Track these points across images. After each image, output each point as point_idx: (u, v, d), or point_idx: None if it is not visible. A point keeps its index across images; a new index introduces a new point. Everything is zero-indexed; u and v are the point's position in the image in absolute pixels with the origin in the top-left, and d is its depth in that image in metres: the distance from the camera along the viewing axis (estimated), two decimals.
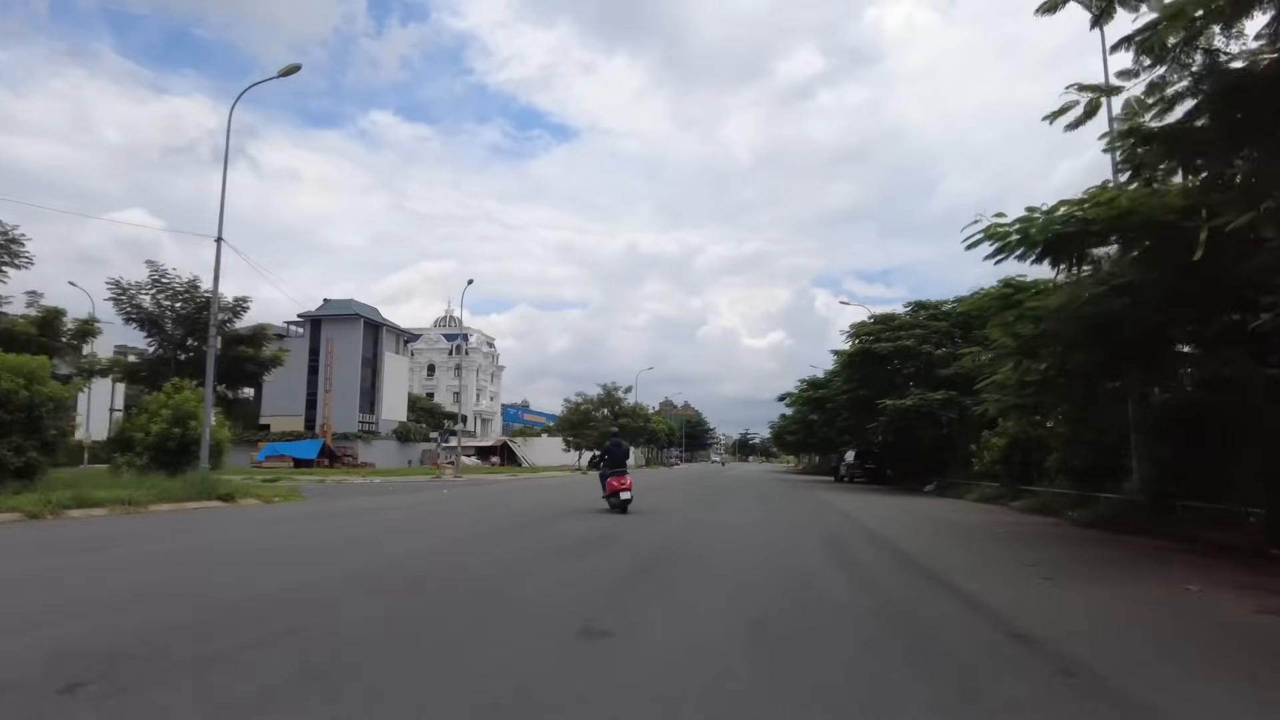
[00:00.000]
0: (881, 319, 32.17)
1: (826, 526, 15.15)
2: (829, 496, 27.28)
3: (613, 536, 12.59)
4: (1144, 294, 9.58)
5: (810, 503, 23.69)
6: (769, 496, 26.47)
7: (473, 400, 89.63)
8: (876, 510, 20.85)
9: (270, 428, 70.44)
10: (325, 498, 23.92)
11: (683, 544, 11.82)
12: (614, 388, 65.34)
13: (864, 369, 32.33)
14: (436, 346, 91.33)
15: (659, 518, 16.46)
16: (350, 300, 73.46)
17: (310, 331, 71.87)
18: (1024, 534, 14.75)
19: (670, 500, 23.19)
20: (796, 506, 21.88)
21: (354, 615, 5.97)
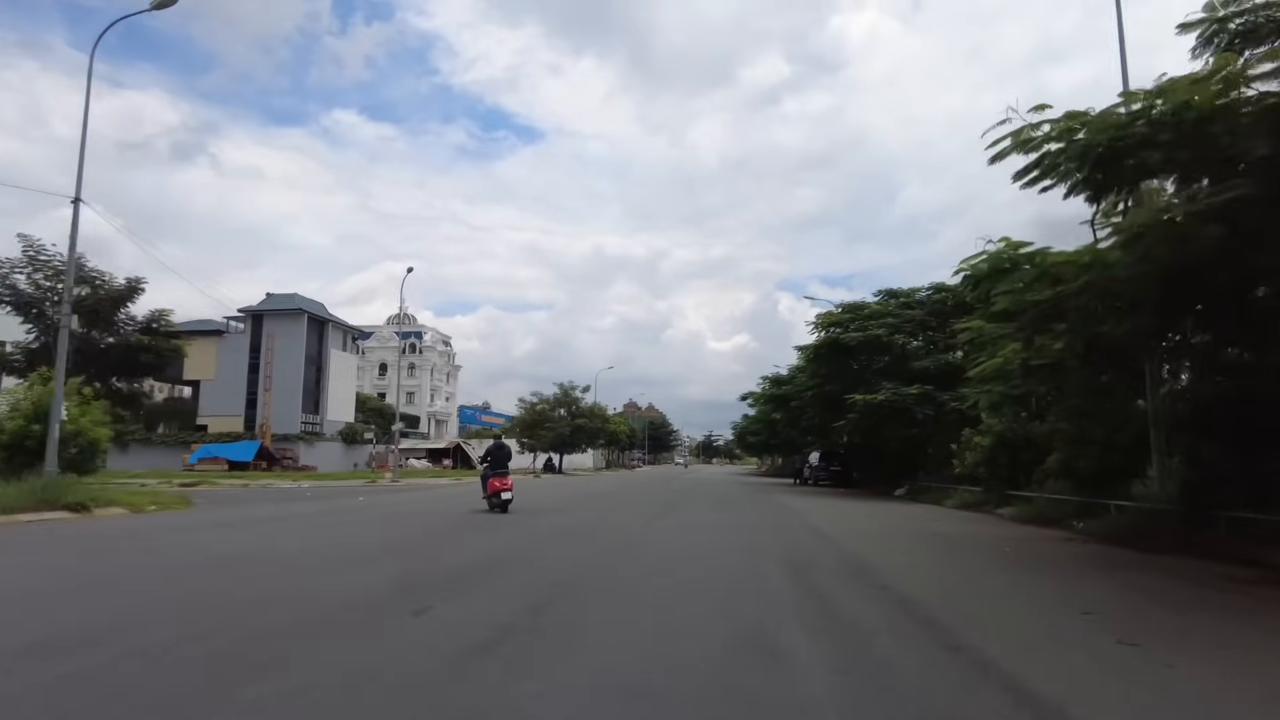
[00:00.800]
0: (850, 307, 29.20)
1: (790, 545, 11.98)
2: (793, 502, 24.25)
3: (509, 563, 9.32)
4: (1248, 219, 6.51)
5: (772, 510, 20.59)
6: (727, 502, 23.37)
7: (426, 400, 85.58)
8: (847, 520, 17.79)
9: (208, 429, 65.96)
10: (223, 504, 20.61)
11: (599, 576, 8.57)
12: (571, 387, 61.93)
13: (831, 362, 29.33)
14: (389, 345, 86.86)
15: (585, 534, 13.27)
16: (294, 295, 69.03)
17: (251, 327, 67.35)
18: (1037, 555, 11.70)
19: (612, 508, 20.00)
20: (756, 515, 18.73)
21: None
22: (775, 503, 23.65)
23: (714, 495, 26.98)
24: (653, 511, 19.22)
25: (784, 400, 38.05)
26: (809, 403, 32.07)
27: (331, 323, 70.91)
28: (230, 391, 66.26)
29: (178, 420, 67.78)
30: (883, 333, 26.44)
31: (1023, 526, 16.67)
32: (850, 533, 14.42)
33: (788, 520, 16.99)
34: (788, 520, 16.99)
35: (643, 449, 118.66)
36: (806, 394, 31.81)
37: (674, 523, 16.08)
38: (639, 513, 18.62)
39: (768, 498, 26.87)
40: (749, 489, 34.52)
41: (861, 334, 26.51)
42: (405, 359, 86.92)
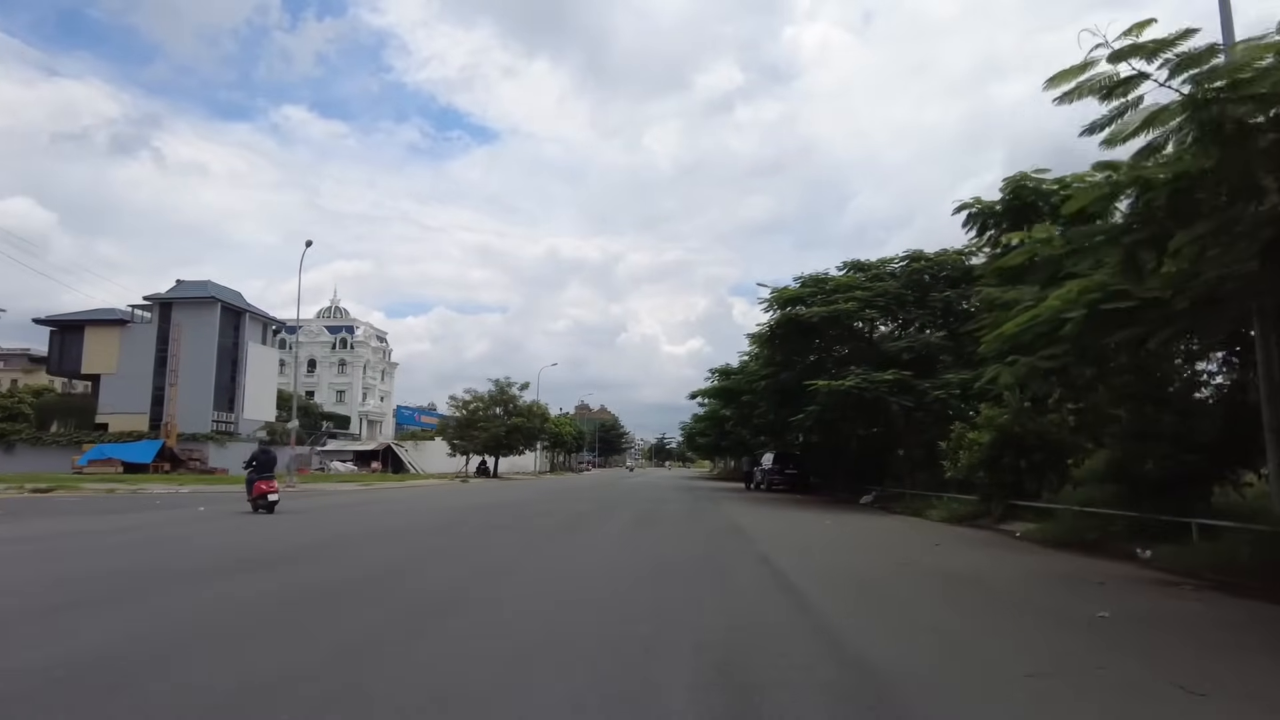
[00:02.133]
0: (811, 281, 24.06)
1: (727, 610, 6.63)
2: (740, 515, 19.09)
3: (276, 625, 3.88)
4: None
5: (711, 529, 15.22)
6: (656, 515, 18.00)
7: (358, 399, 78.78)
8: (813, 544, 12.54)
9: (109, 427, 58.85)
10: (38, 515, 15.90)
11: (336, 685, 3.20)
12: (508, 384, 55.95)
13: (788, 346, 24.24)
14: (319, 340, 79.90)
15: (390, 585, 7.82)
16: (206, 282, 62.06)
17: (159, 317, 60.19)
18: (1162, 619, 6.59)
19: (498, 527, 14.51)
20: (687, 539, 13.26)
21: None
22: (718, 516, 18.45)
23: (646, 505, 21.73)
24: (549, 530, 13.84)
25: (734, 394, 32.94)
26: (762, 394, 26.82)
27: (249, 313, 64.13)
28: (134, 387, 59.26)
29: (74, 418, 60.41)
30: (851, 307, 21.45)
31: (1056, 554, 11.62)
32: (824, 574, 9.23)
33: (730, 548, 11.65)
34: (730, 548, 11.65)
35: (593, 451, 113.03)
36: (759, 384, 26.62)
37: (560, 555, 10.70)
38: (527, 533, 13.14)
39: (710, 508, 21.68)
40: (692, 495, 29.36)
41: (825, 309, 21.46)
42: (335, 354, 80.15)
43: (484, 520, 15.69)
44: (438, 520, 15.61)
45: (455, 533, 12.92)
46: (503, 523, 14.88)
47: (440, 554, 10.16)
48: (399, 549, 10.62)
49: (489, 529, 13.46)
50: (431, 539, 11.92)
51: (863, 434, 26.50)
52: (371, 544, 11.21)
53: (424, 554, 10.12)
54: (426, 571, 8.68)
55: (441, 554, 10.16)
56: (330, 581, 7.70)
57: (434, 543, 11.45)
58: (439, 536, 12.33)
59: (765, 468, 34.08)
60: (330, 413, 75.44)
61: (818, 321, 21.76)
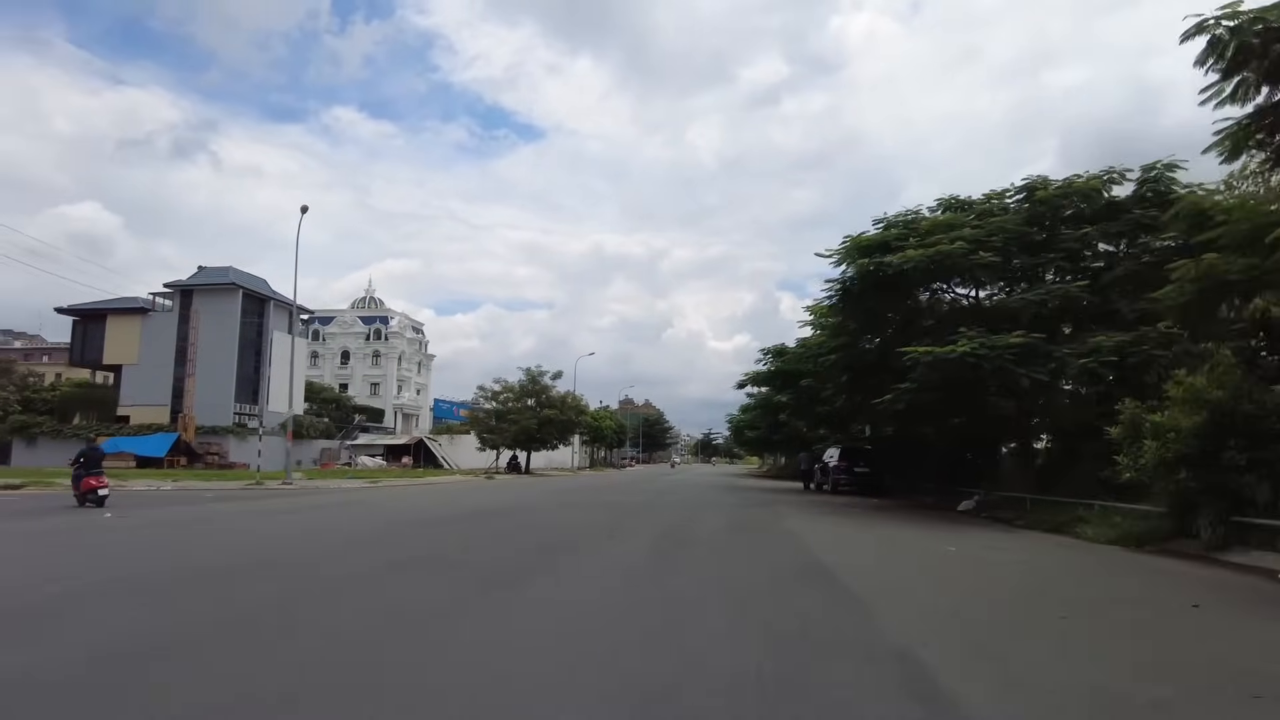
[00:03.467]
0: (897, 223, 18.04)
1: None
2: (812, 531, 13.44)
3: None
4: None
5: (775, 562, 9.34)
6: (691, 537, 12.04)
7: (392, 392, 74.66)
8: (979, 609, 6.76)
9: (130, 420, 55.47)
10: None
11: None
12: (540, 372, 50.83)
13: (864, 308, 18.06)
14: (352, 330, 76.03)
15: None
16: (228, 268, 58.29)
17: (180, 305, 56.67)
18: None
19: (454, 547, 9.26)
20: (739, 589, 7.36)
21: None
22: (780, 536, 12.73)
23: (679, 514, 16.18)
24: (505, 569, 8.29)
25: (790, 378, 27.15)
26: (831, 371, 20.83)
27: (273, 301, 60.19)
28: (155, 378, 55.75)
29: (95, 410, 57.31)
30: (958, 248, 15.54)
31: None
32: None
33: (823, 630, 5.83)
34: (823, 630, 5.83)
35: (636, 447, 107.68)
36: (826, 360, 20.59)
37: (472, 645, 5.29)
38: (460, 578, 7.47)
39: (766, 518, 16.01)
40: (740, 498, 23.69)
41: (922, 253, 15.55)
42: (369, 346, 76.20)
43: (421, 546, 10.40)
44: (338, 544, 10.22)
45: (333, 573, 7.57)
46: (438, 552, 9.35)
47: (234, 630, 4.87)
48: (151, 617, 5.34)
49: (404, 566, 8.08)
50: (260, 588, 6.57)
51: (958, 421, 20.61)
52: (109, 603, 5.93)
53: (201, 628, 4.85)
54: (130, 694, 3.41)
55: (237, 630, 4.87)
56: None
57: (249, 601, 6.11)
58: (291, 581, 7.00)
59: (829, 465, 28.24)
60: (363, 405, 71.48)
61: (911, 270, 15.85)
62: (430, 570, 7.89)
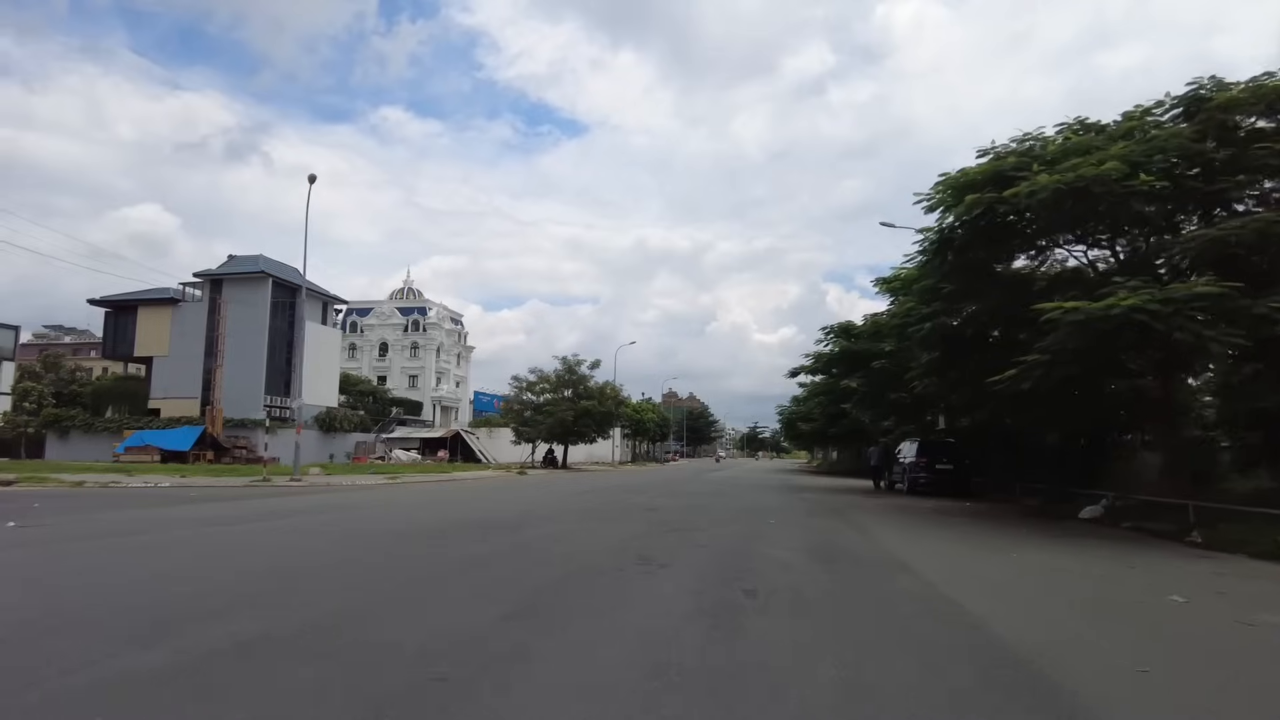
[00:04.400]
0: (1014, 153, 13.58)
1: None
2: (925, 558, 9.30)
3: None
4: None
5: (913, 623, 5.69)
6: (753, 581, 8.13)
7: (431, 384, 71.81)
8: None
9: (160, 412, 53.49)
10: None
11: None
12: (576, 362, 47.22)
13: (967, 266, 13.83)
14: (390, 322, 73.39)
15: None
16: (258, 256, 55.87)
17: (209, 294, 54.46)
18: None
19: (400, 585, 5.67)
20: (881, 698, 4.09)
21: None
22: (885, 566, 8.66)
23: (733, 527, 12.17)
24: (474, 634, 4.74)
25: (858, 360, 22.95)
26: (925, 343, 16.33)
27: (306, 290, 57.57)
28: (186, 369, 53.65)
29: (127, 403, 55.47)
30: (1112, 170, 11.12)
31: None
32: None
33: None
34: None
35: (679, 441, 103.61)
36: (918, 330, 16.01)
37: None
38: (343, 674, 4.07)
39: (850, 535, 11.93)
40: (805, 503, 19.60)
41: (1059, 179, 11.15)
42: (407, 337, 73.46)
43: (313, 607, 6.67)
44: (180, 598, 6.64)
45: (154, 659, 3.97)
46: (324, 618, 5.49)
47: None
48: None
49: (214, 662, 4.39)
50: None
51: (1075, 404, 16.22)
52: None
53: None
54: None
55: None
56: None
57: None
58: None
59: (905, 462, 23.90)
60: (400, 398, 68.81)
61: (1040, 204, 11.58)
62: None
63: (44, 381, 60.64)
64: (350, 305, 76.33)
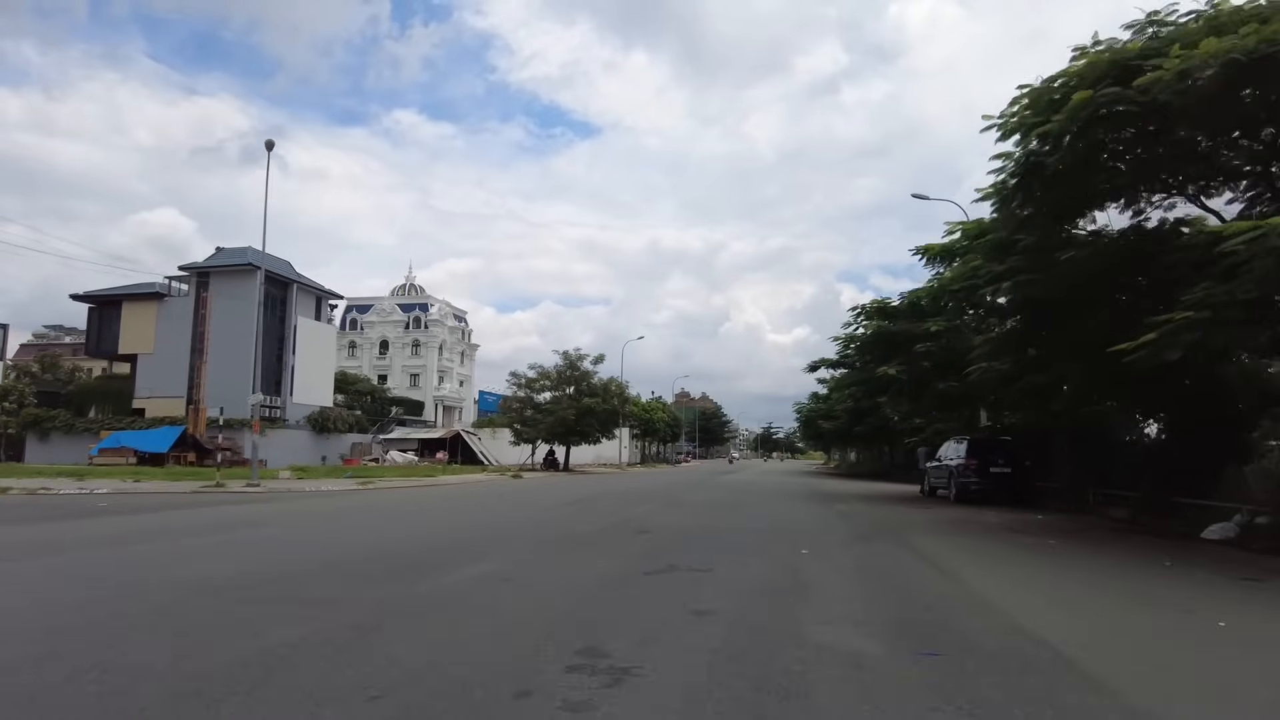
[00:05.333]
0: (1140, 25, 9.89)
1: None
2: (1065, 625, 5.73)
3: None
4: None
5: None
6: (776, 691, 4.63)
7: (433, 383, 68.34)
8: None
9: (145, 412, 50.35)
10: None
11: None
12: (578, 356, 43.55)
13: (1060, 201, 10.11)
14: (391, 319, 69.91)
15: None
16: (247, 248, 52.54)
17: (196, 288, 51.28)
18: None
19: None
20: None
21: None
22: (1022, 658, 5.08)
23: (752, 567, 8.28)
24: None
25: (897, 343, 19.05)
26: (1004, 309, 12.24)
27: (298, 284, 54.29)
28: (172, 368, 50.42)
29: (111, 403, 52.35)
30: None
31: None
32: None
33: None
34: None
35: (692, 441, 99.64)
36: (994, 294, 11.68)
37: None
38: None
39: (917, 572, 8.14)
40: (837, 517, 15.67)
41: (1240, 44, 7.49)
42: (409, 335, 70.04)
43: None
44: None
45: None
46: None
47: None
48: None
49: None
50: None
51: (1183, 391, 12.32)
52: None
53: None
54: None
55: None
56: None
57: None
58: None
59: (951, 463, 19.95)
60: (400, 397, 65.40)
61: (1215, 78, 7.75)
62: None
63: (36, 381, 57.85)
64: (350, 302, 73.07)
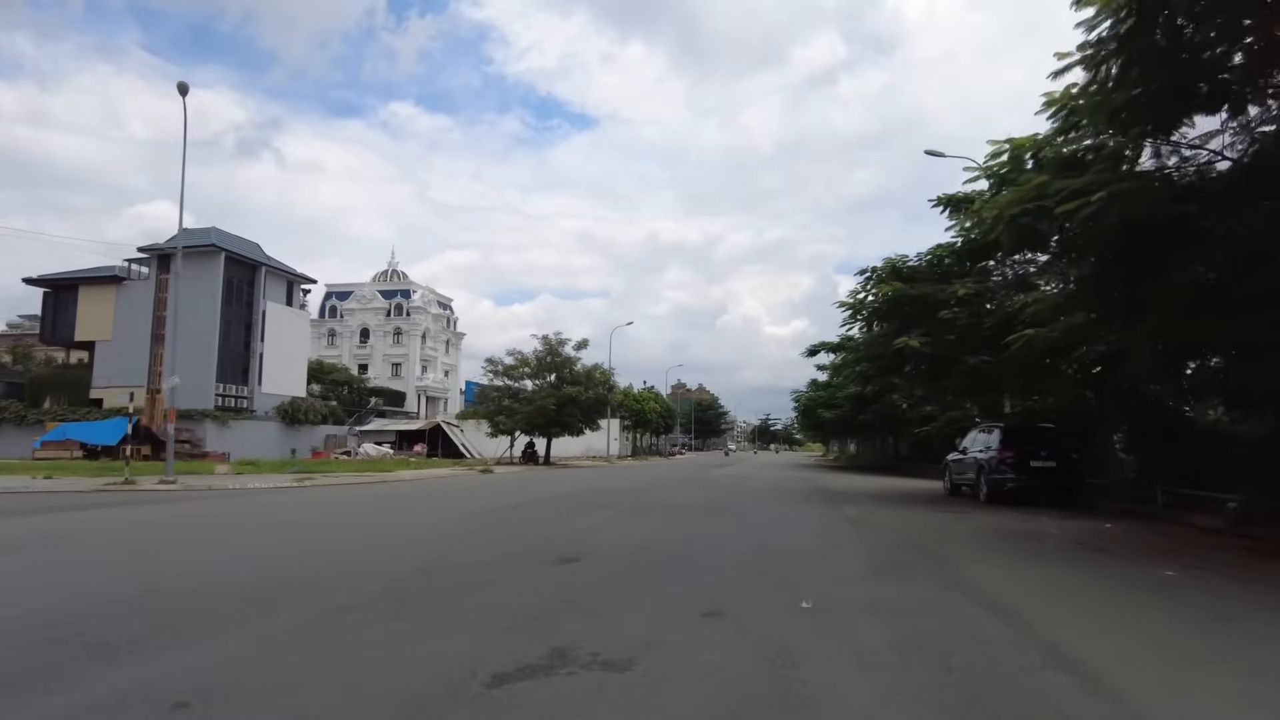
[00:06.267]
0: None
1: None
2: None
3: None
4: None
5: None
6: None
7: (415, 372, 64.73)
8: None
9: (103, 403, 46.71)
10: None
11: None
12: (560, 342, 39.90)
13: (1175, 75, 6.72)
14: (372, 306, 66.19)
15: None
16: (210, 228, 48.88)
17: (157, 271, 47.57)
18: None
19: None
20: None
21: None
22: None
23: (722, 595, 4.97)
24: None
25: (918, 310, 15.46)
26: (1090, 236, 8.58)
27: (266, 267, 50.58)
28: (131, 356, 46.68)
29: (68, 393, 48.75)
30: None
31: None
32: None
33: None
34: None
35: (687, 433, 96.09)
36: (1084, 213, 8.27)
37: None
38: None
39: (995, 650, 4.79)
40: (848, 525, 12.26)
41: None
42: (390, 322, 66.39)
43: None
44: None
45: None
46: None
47: None
48: None
49: None
50: None
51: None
52: None
53: None
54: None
55: None
56: None
57: None
58: None
59: (980, 457, 16.37)
60: (380, 387, 61.78)
61: None
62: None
63: (6, 372, 54.32)
64: (330, 288, 69.36)
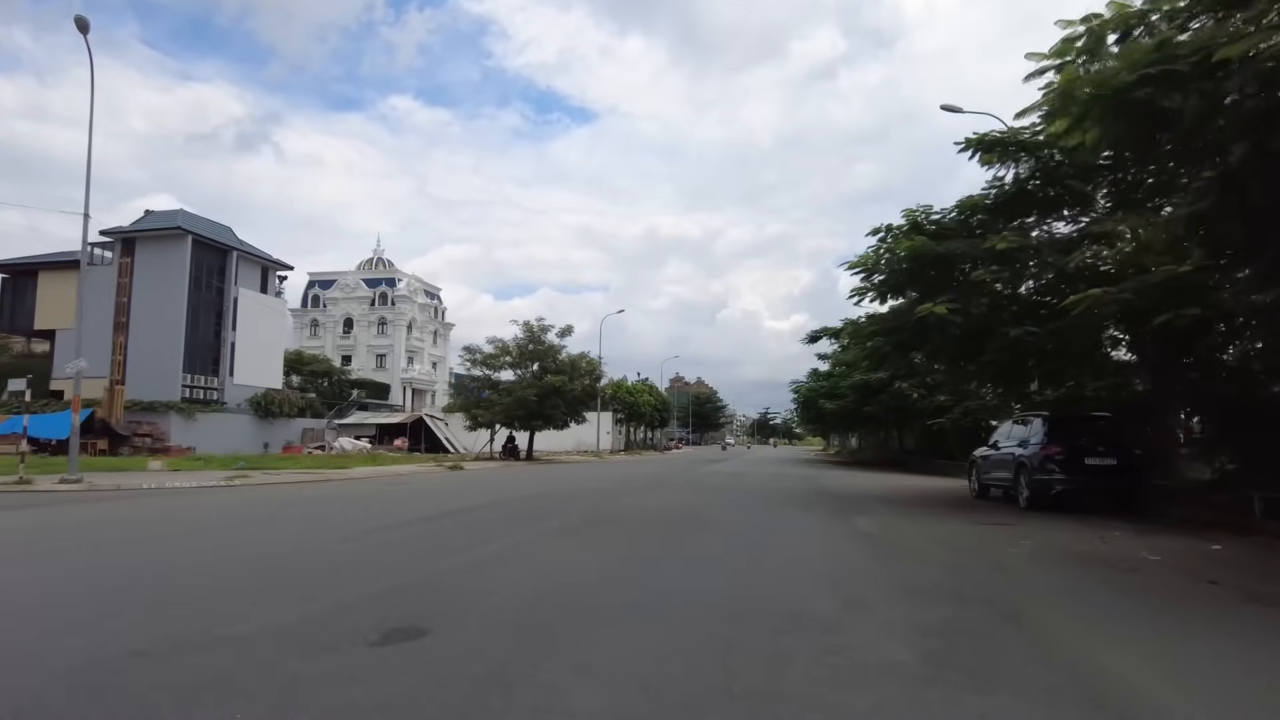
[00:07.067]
0: None
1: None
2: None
3: None
4: None
5: None
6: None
7: (400, 364, 61.78)
8: None
9: (64, 395, 43.60)
10: None
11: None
12: (542, 328, 36.93)
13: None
14: (355, 295, 63.22)
15: None
16: (177, 211, 45.89)
17: (120, 256, 44.55)
18: None
19: None
20: None
21: None
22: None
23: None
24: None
25: (943, 270, 12.45)
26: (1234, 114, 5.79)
27: (238, 252, 47.46)
28: (94, 345, 43.25)
29: (27, 384, 45.89)
30: None
31: None
32: None
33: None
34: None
35: (685, 427, 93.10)
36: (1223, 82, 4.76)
37: None
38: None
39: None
40: (869, 547, 9.38)
41: None
42: (374, 312, 63.36)
43: None
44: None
45: None
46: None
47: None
48: None
49: None
50: None
51: None
52: None
53: None
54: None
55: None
56: None
57: None
58: None
59: (1019, 453, 13.33)
60: (363, 379, 58.81)
61: None
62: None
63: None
64: (312, 276, 66.39)
